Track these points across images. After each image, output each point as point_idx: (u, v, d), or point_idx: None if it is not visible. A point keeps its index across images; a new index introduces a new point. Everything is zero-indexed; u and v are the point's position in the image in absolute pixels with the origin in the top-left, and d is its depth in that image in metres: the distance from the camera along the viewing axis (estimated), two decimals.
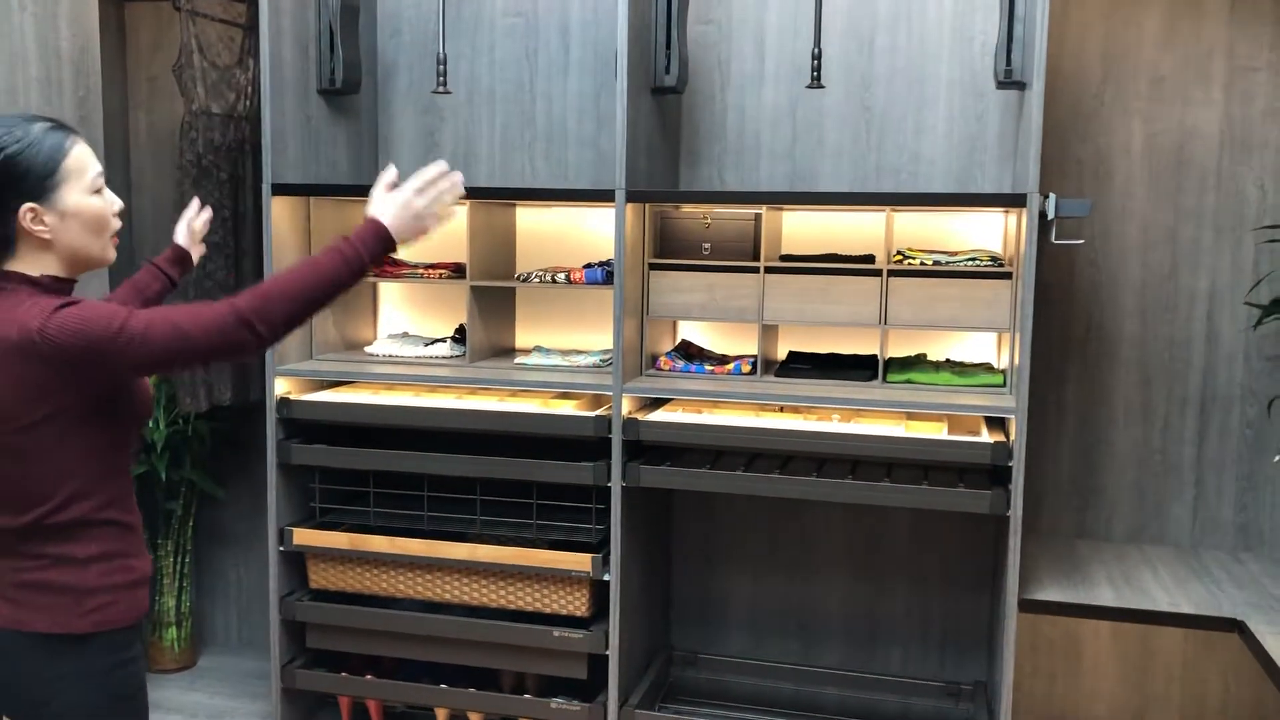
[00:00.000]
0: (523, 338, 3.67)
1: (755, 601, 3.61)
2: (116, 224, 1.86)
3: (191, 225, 2.46)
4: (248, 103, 3.58)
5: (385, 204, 1.89)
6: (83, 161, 1.79)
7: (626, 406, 3.07)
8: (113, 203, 1.85)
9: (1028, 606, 2.90)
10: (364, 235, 1.83)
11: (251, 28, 3.59)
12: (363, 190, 3.56)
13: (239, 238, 3.53)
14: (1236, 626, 2.76)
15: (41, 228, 1.75)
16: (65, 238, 1.77)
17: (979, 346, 3.36)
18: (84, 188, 1.78)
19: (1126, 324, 3.33)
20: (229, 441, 3.92)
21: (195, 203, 2.49)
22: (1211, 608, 2.84)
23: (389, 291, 3.76)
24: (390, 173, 1.96)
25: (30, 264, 1.77)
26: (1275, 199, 3.19)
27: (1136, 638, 3.40)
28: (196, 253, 2.47)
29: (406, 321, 3.75)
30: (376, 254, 1.85)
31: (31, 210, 1.73)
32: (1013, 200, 2.82)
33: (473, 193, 3.33)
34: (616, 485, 3.05)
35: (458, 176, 1.97)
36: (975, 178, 3.34)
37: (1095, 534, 3.40)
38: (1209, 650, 3.36)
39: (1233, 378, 3.27)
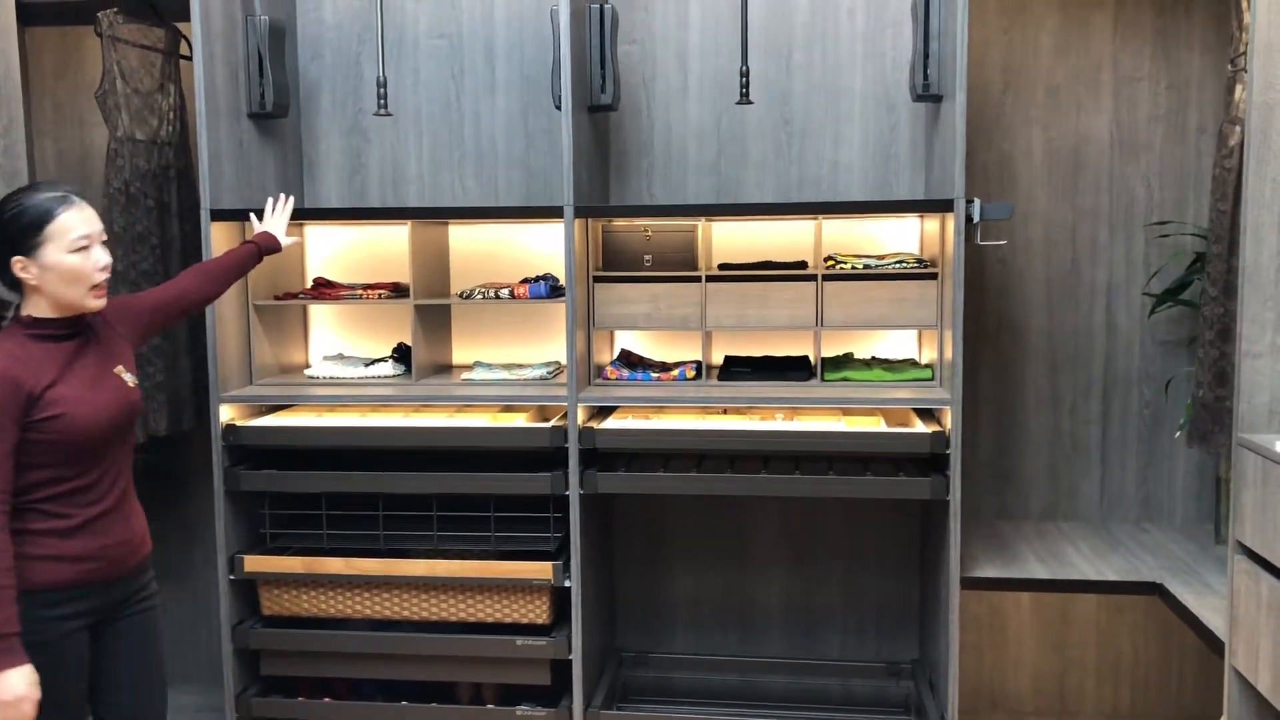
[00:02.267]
0: (460, 354, 3.71)
1: (697, 599, 3.74)
2: (98, 278, 2.26)
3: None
4: (170, 128, 3.53)
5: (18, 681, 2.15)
6: (66, 226, 2.21)
7: (581, 416, 3.15)
8: (97, 261, 2.24)
9: (968, 584, 3.10)
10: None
11: (171, 52, 3.55)
12: (297, 215, 3.59)
13: (168, 265, 3.47)
14: (1156, 589, 3.02)
15: (28, 275, 2.21)
16: (48, 287, 2.22)
17: (900, 343, 3.56)
18: (64, 248, 2.20)
19: (1034, 316, 3.58)
20: (156, 473, 3.84)
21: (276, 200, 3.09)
22: (1132, 574, 3.10)
23: (319, 313, 3.76)
24: None
25: (30, 305, 2.25)
26: (1160, 197, 3.49)
27: (1056, 608, 3.65)
28: (278, 230, 3.03)
29: (339, 343, 3.76)
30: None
31: (19, 262, 2.21)
32: (941, 205, 3.02)
33: (415, 213, 3.40)
34: (575, 493, 3.14)
35: None
36: (890, 185, 3.55)
37: (1014, 514, 3.64)
38: (1120, 615, 3.63)
39: (1131, 362, 3.56)
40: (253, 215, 3.09)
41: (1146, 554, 3.26)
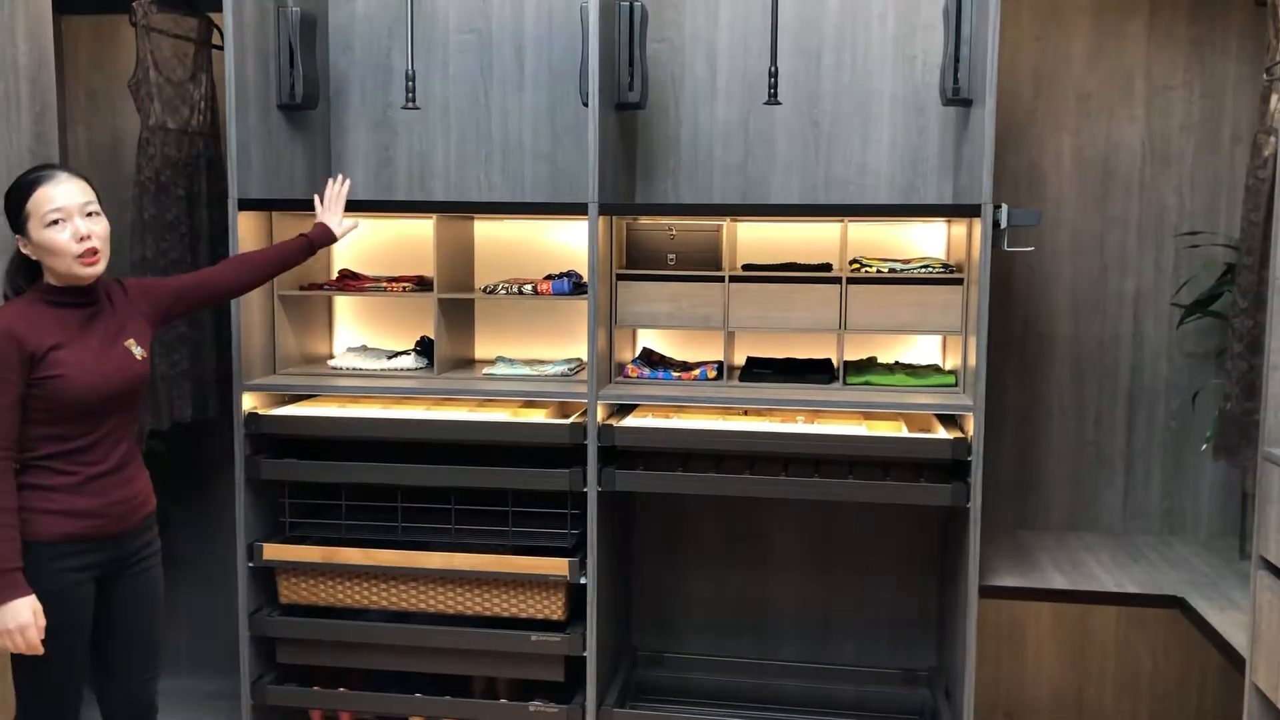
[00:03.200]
0: (482, 349, 3.72)
1: (714, 599, 3.73)
2: (75, 249, 2.34)
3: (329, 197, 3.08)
4: (201, 118, 3.56)
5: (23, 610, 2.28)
6: (39, 202, 2.33)
7: (600, 413, 3.15)
8: (76, 233, 2.33)
9: (986, 593, 3.07)
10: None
11: (203, 42, 3.58)
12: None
13: (195, 254, 3.50)
14: (1178, 603, 2.99)
15: (28, 250, 2.38)
16: (43, 260, 2.37)
17: (925, 349, 3.54)
18: (39, 223, 2.33)
19: (1060, 324, 3.55)
20: (179, 460, 3.87)
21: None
22: (1153, 587, 3.07)
23: (343, 305, 3.78)
24: None
25: (47, 275, 2.39)
26: (1192, 207, 3.46)
27: (1075, 620, 3.62)
28: (333, 221, 3.06)
29: (362, 335, 3.77)
30: None
31: (18, 238, 2.38)
32: (968, 210, 2.99)
33: (441, 206, 3.41)
34: (593, 490, 3.14)
35: None
36: (918, 189, 3.52)
37: (1035, 523, 3.61)
38: (1140, 628, 3.60)
39: (1158, 373, 3.52)
40: (316, 199, 3.12)
41: (1169, 567, 3.23)
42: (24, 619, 2.25)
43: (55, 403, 2.31)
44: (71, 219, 2.32)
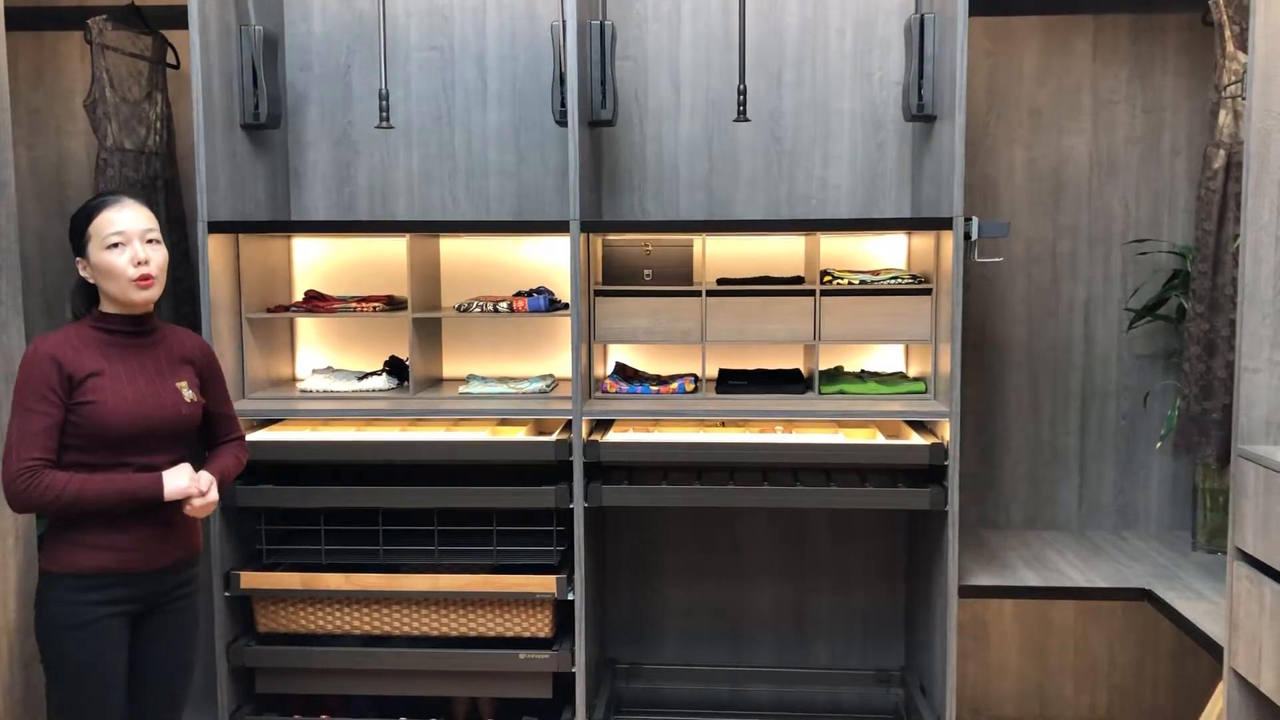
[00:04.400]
0: (450, 367, 3.70)
1: (689, 609, 3.77)
2: (133, 273, 2.36)
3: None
4: (158, 138, 3.48)
5: (180, 476, 2.38)
6: (100, 225, 2.36)
7: (584, 429, 3.17)
8: (134, 256, 2.35)
9: (963, 592, 3.17)
10: (150, 485, 2.33)
11: (158, 61, 3.50)
12: (292, 226, 3.56)
13: None
14: (1146, 595, 3.13)
15: (87, 274, 2.40)
16: (100, 283, 2.39)
17: (889, 357, 3.63)
18: (100, 245, 2.35)
19: (1015, 330, 3.68)
20: None
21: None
22: (1120, 580, 3.20)
23: (305, 327, 3.72)
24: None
25: (103, 303, 2.40)
26: (1137, 215, 3.62)
27: (1037, 615, 3.75)
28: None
29: (326, 356, 3.72)
30: (145, 499, 2.34)
31: (79, 262, 2.41)
32: (940, 223, 3.09)
33: (417, 226, 3.39)
34: (579, 506, 3.15)
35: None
36: (878, 202, 3.62)
37: (996, 523, 3.73)
38: (1098, 620, 3.75)
39: (1109, 375, 3.67)
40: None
41: (1130, 560, 3.37)
42: (182, 479, 2.35)
43: (87, 428, 2.31)
44: (131, 243, 2.35)
